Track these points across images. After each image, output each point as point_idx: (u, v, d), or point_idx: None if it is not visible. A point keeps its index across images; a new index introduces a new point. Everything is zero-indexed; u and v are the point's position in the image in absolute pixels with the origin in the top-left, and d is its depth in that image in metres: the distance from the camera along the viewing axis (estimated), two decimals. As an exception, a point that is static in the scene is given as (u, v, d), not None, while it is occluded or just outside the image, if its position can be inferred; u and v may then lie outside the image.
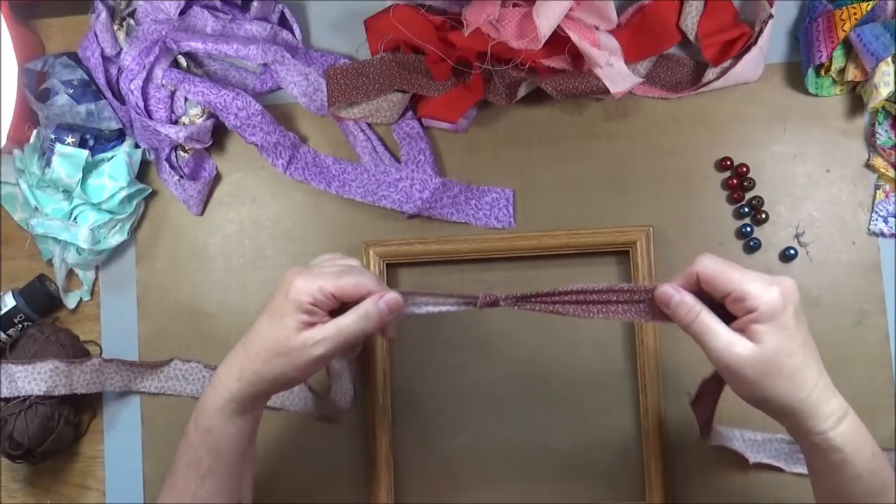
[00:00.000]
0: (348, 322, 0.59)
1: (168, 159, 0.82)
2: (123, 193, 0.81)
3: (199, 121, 0.81)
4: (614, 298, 0.60)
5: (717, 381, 0.64)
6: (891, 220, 0.77)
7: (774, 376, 0.53)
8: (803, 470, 0.73)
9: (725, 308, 0.56)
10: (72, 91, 0.81)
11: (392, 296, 0.60)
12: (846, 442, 0.54)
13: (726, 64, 0.78)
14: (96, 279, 0.85)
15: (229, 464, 0.62)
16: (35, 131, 0.83)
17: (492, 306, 0.63)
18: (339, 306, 0.60)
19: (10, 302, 0.83)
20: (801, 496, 0.76)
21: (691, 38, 0.78)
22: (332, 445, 0.81)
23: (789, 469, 0.75)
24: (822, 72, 0.77)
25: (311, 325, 0.58)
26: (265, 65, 0.82)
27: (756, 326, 0.53)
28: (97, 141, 0.82)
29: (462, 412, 0.80)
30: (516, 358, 0.80)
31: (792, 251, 0.77)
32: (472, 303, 0.63)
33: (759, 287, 0.53)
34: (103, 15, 0.81)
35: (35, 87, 0.84)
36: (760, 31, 0.76)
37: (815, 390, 0.54)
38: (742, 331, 0.54)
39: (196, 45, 0.79)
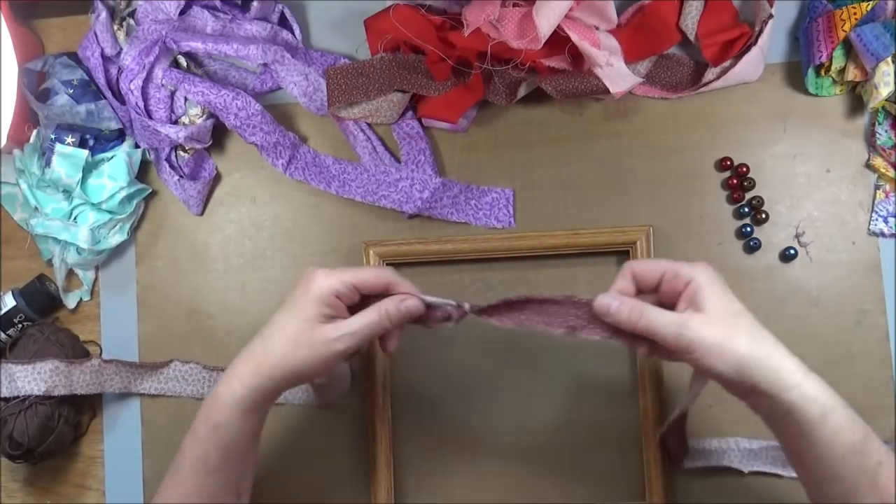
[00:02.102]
0: (371, 318, 0.60)
1: (168, 159, 0.82)
2: (123, 193, 0.81)
3: (199, 121, 0.81)
4: (573, 311, 0.62)
5: (680, 416, 0.68)
6: (891, 220, 0.77)
7: (735, 337, 0.55)
8: None
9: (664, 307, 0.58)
10: (72, 91, 0.81)
11: (414, 301, 0.61)
12: (821, 389, 0.55)
13: (726, 64, 0.78)
14: (96, 279, 0.85)
15: (236, 459, 0.63)
16: (35, 131, 0.83)
17: (462, 318, 0.65)
18: (360, 301, 0.61)
19: (10, 302, 0.83)
20: (801, 496, 0.76)
21: (691, 38, 0.78)
22: (332, 445, 0.81)
23: (788, 475, 0.75)
24: (822, 72, 0.78)
25: (333, 318, 0.59)
26: (265, 65, 0.82)
27: (699, 296, 0.56)
28: (97, 141, 0.82)
29: (462, 412, 0.80)
30: (517, 358, 0.80)
31: (792, 251, 0.77)
32: (452, 317, 0.64)
33: (687, 265, 0.58)
34: (103, 15, 0.81)
35: (35, 87, 0.84)
36: (760, 31, 0.76)
37: (777, 344, 0.56)
38: (688, 307, 0.56)
39: (196, 45, 0.79)
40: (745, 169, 0.78)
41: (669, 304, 0.59)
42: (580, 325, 0.61)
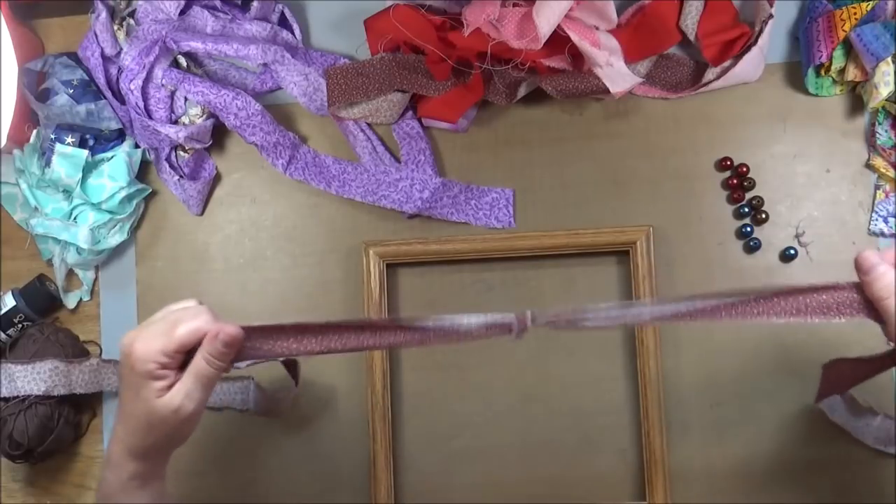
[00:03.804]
0: (201, 368, 0.57)
1: (168, 159, 0.82)
2: (123, 193, 0.81)
3: (199, 121, 0.81)
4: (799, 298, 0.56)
5: (868, 365, 0.63)
6: (891, 220, 0.77)
7: None
8: None
9: None
10: (72, 91, 0.81)
11: (228, 330, 0.57)
12: None
13: (726, 64, 0.78)
14: (96, 279, 0.85)
15: None
16: (35, 131, 0.83)
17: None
18: (187, 355, 0.58)
19: (9, 302, 0.83)
20: (801, 496, 0.76)
21: (691, 38, 0.78)
22: (331, 446, 0.81)
23: None
24: (822, 72, 0.77)
25: (169, 386, 0.57)
26: (265, 65, 0.82)
27: None
28: (97, 141, 0.82)
29: (462, 412, 0.80)
30: (517, 358, 0.80)
31: (792, 251, 0.77)
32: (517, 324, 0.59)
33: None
34: (103, 15, 0.81)
35: (35, 87, 0.84)
36: (760, 31, 0.76)
37: None
38: None
39: (196, 45, 0.79)
40: (745, 169, 0.78)
41: None
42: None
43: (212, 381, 0.58)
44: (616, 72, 0.75)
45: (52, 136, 0.81)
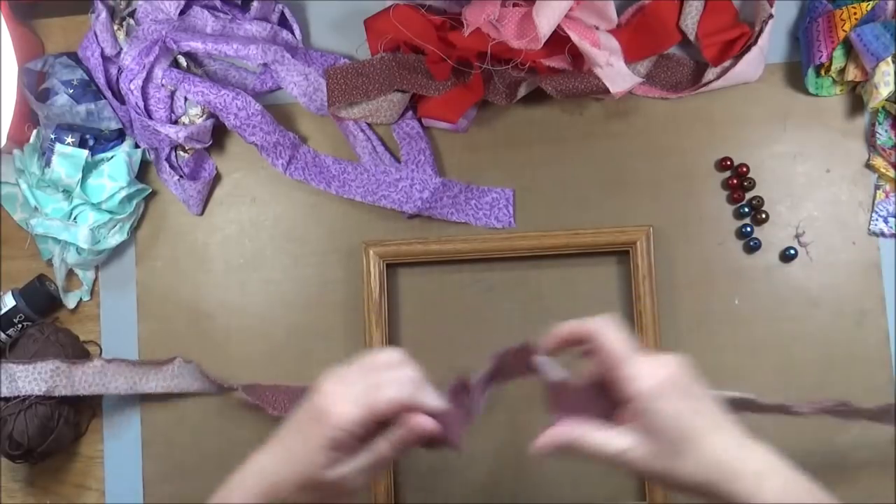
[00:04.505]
0: (384, 451, 0.53)
1: (168, 159, 0.82)
2: (123, 193, 0.81)
3: (199, 121, 0.81)
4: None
5: None
6: (891, 220, 0.77)
7: (674, 457, 0.48)
8: None
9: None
10: (72, 91, 0.81)
11: (426, 427, 0.52)
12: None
13: (726, 64, 0.78)
14: (96, 279, 0.85)
15: None
16: (35, 131, 0.83)
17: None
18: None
19: (9, 302, 0.83)
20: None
21: (691, 38, 0.78)
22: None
23: None
24: (822, 72, 0.77)
25: (343, 456, 0.52)
26: (265, 65, 0.82)
27: (638, 410, 0.49)
28: (97, 141, 0.82)
29: (462, 412, 0.80)
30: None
31: (792, 251, 0.77)
32: None
33: (637, 369, 0.50)
34: (103, 15, 0.81)
35: (35, 87, 0.84)
36: (760, 31, 0.76)
37: (725, 455, 0.48)
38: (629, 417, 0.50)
39: (196, 45, 0.79)
40: (745, 169, 0.78)
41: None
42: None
43: (387, 464, 0.53)
44: (616, 72, 0.75)
45: (52, 136, 0.81)
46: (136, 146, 0.83)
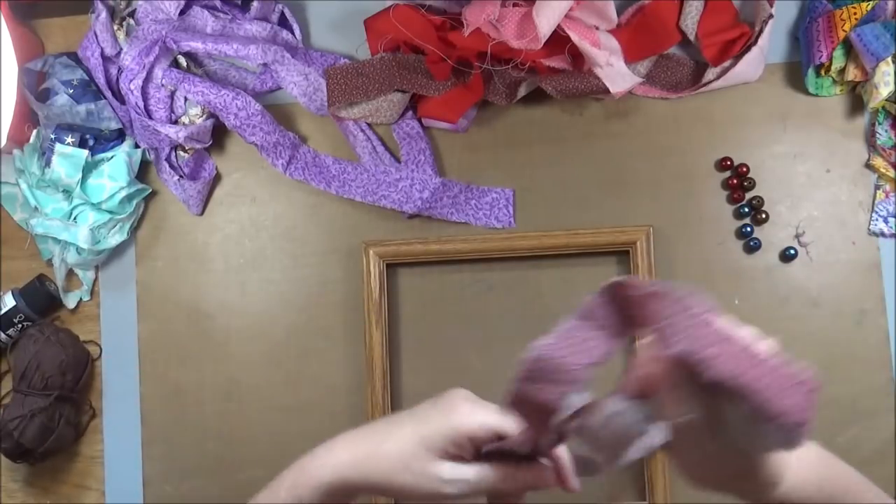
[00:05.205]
0: (499, 476, 0.49)
1: (168, 159, 0.82)
2: (123, 193, 0.81)
3: (199, 121, 0.81)
4: None
5: None
6: (891, 220, 0.77)
7: None
8: None
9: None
10: (72, 91, 0.81)
11: (573, 483, 0.50)
12: None
13: (726, 64, 0.78)
14: (96, 279, 0.85)
15: None
16: (35, 131, 0.83)
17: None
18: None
19: (9, 302, 0.83)
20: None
21: (691, 38, 0.78)
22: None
23: None
24: (822, 72, 0.77)
25: (454, 456, 0.50)
26: (265, 65, 0.82)
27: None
28: (97, 141, 0.82)
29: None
30: (517, 358, 0.80)
31: (792, 251, 0.77)
32: None
33: None
34: (103, 15, 0.81)
35: (35, 87, 0.84)
36: (760, 31, 0.76)
37: None
38: None
39: (196, 45, 0.79)
40: (745, 169, 0.78)
41: None
42: None
43: (489, 490, 0.50)
44: (616, 72, 0.75)
45: (52, 136, 0.81)
46: (136, 146, 0.83)
